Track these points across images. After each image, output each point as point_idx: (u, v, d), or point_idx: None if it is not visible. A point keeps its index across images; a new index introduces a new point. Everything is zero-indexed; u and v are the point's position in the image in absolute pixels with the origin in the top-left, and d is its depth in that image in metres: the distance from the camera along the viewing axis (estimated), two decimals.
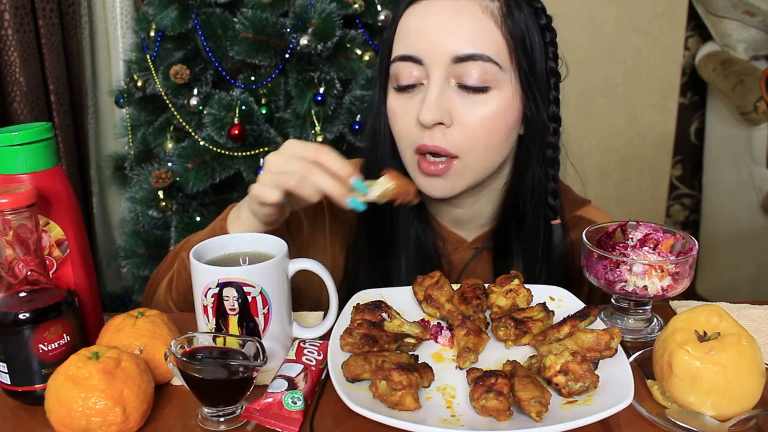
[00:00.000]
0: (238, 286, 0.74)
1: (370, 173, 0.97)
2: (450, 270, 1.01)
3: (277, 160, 0.83)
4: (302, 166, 0.81)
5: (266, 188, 0.82)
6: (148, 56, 1.75)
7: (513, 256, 0.97)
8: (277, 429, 0.67)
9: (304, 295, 1.02)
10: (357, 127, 1.65)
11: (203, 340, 0.70)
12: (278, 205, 0.85)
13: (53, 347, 0.71)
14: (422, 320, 0.83)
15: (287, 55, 1.67)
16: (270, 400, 0.68)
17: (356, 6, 1.66)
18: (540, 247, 0.96)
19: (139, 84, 1.78)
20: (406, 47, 0.89)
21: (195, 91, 1.71)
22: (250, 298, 0.74)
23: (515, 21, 0.88)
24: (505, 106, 0.88)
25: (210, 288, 0.74)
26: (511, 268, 0.96)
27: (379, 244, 0.99)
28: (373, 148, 0.99)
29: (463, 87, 0.87)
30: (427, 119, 0.86)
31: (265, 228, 0.88)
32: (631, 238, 0.85)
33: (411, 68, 0.88)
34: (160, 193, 1.74)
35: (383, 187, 0.83)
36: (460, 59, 0.85)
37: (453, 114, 0.87)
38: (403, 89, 0.90)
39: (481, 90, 0.87)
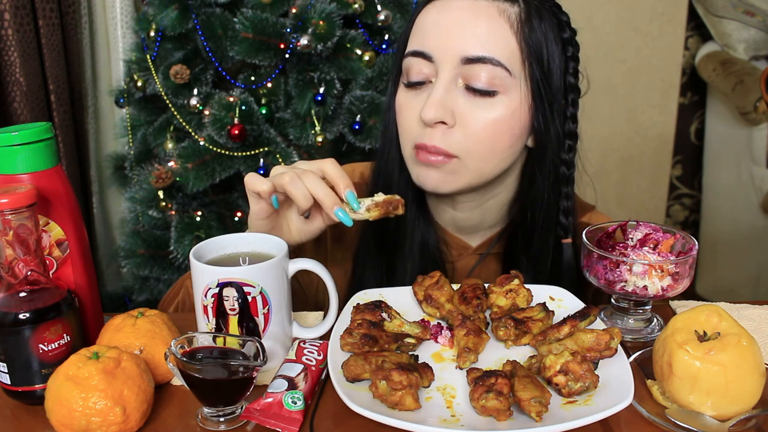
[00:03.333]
0: (238, 286, 0.74)
1: (383, 171, 0.98)
2: (454, 275, 1.00)
3: (281, 167, 0.84)
4: (301, 171, 0.81)
5: (259, 179, 0.82)
6: (148, 56, 1.75)
7: (521, 266, 0.95)
8: (277, 429, 0.67)
9: (303, 296, 1.02)
10: (357, 127, 1.65)
11: (203, 340, 0.70)
12: (269, 207, 0.84)
13: (53, 347, 0.71)
14: (422, 320, 0.83)
15: (287, 55, 1.67)
16: (270, 400, 0.68)
17: (356, 6, 1.66)
18: (549, 262, 0.94)
19: (139, 84, 1.78)
20: (418, 43, 0.88)
21: (195, 91, 1.71)
22: (250, 298, 0.74)
23: (533, 29, 0.86)
24: (512, 112, 0.86)
25: (210, 288, 0.74)
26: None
27: (384, 249, 0.99)
28: (384, 143, 0.98)
29: (470, 89, 0.85)
30: (429, 116, 0.84)
31: None
32: (631, 238, 0.85)
33: (421, 65, 0.87)
34: (160, 193, 1.74)
35: (374, 199, 0.82)
36: (470, 60, 0.84)
37: (457, 115, 0.86)
38: (411, 85, 0.89)
39: (488, 94, 0.85)
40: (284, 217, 0.89)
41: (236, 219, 1.76)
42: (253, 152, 1.69)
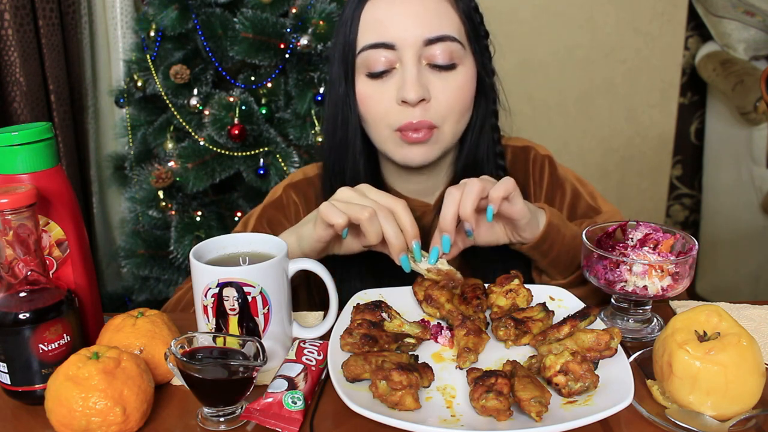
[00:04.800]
0: (238, 286, 0.74)
1: (347, 164, 1.02)
2: (422, 231, 1.03)
3: (352, 193, 0.85)
4: (377, 206, 0.83)
5: (335, 211, 0.82)
6: (148, 56, 1.75)
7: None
8: (277, 429, 0.67)
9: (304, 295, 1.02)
10: None
11: (203, 340, 0.70)
12: (335, 235, 0.85)
13: (53, 347, 0.71)
14: (422, 320, 0.83)
15: (287, 55, 1.67)
16: (270, 400, 0.68)
17: None
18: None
19: (139, 84, 1.78)
20: (377, 35, 0.94)
21: (195, 91, 1.71)
22: (250, 298, 0.74)
23: (465, 3, 0.97)
24: (470, 78, 0.97)
25: (210, 288, 0.74)
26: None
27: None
28: (341, 137, 1.01)
29: (435, 66, 0.94)
30: (412, 97, 0.91)
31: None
32: (631, 238, 0.85)
33: (382, 54, 0.93)
34: (160, 193, 1.74)
35: (435, 264, 0.83)
36: (431, 41, 0.93)
37: (430, 90, 0.94)
38: (376, 75, 0.95)
39: (450, 67, 0.95)
40: (338, 240, 0.90)
41: (236, 219, 1.76)
42: (253, 152, 1.69)
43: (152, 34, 1.73)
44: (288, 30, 1.64)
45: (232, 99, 1.66)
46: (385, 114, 0.95)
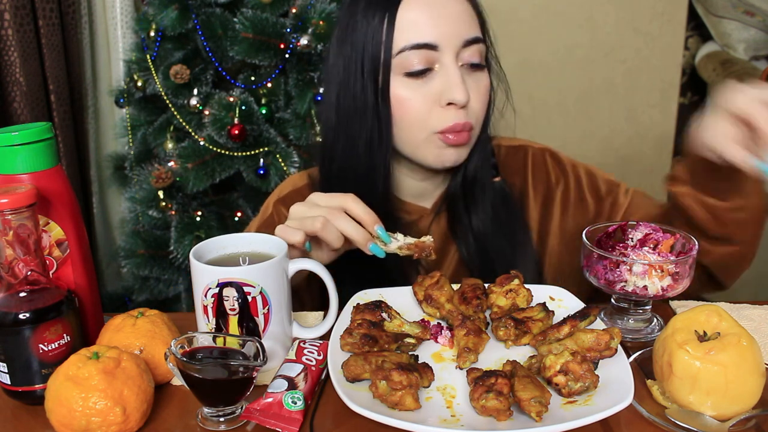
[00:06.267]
0: (238, 286, 0.74)
1: (366, 168, 1.00)
2: (418, 235, 1.02)
3: (302, 208, 0.86)
4: (327, 212, 0.83)
5: (290, 230, 0.83)
6: (148, 56, 1.75)
7: (470, 212, 1.04)
8: (277, 429, 0.67)
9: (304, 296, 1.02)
10: None
11: (203, 340, 0.70)
12: (301, 250, 0.86)
13: (53, 347, 0.71)
14: (422, 320, 0.83)
15: (287, 55, 1.67)
16: (270, 400, 0.68)
17: None
18: (490, 201, 1.05)
19: (139, 84, 1.78)
20: (418, 36, 0.93)
21: (195, 91, 1.71)
22: (250, 298, 0.74)
23: (479, 7, 1.00)
24: (489, 79, 1.00)
25: (210, 288, 0.74)
26: (472, 224, 1.03)
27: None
28: (364, 141, 0.97)
29: (470, 66, 0.96)
30: (461, 98, 0.93)
31: None
32: (631, 238, 0.85)
33: (423, 55, 0.93)
34: (160, 193, 1.74)
35: (405, 241, 0.85)
36: (469, 42, 0.94)
37: (469, 90, 0.95)
38: (415, 74, 0.94)
39: (482, 68, 0.97)
40: (306, 254, 0.90)
41: (236, 219, 1.76)
42: (253, 152, 1.69)
43: (152, 34, 1.74)
44: (288, 30, 1.64)
45: (232, 99, 1.66)
46: (426, 116, 0.95)
